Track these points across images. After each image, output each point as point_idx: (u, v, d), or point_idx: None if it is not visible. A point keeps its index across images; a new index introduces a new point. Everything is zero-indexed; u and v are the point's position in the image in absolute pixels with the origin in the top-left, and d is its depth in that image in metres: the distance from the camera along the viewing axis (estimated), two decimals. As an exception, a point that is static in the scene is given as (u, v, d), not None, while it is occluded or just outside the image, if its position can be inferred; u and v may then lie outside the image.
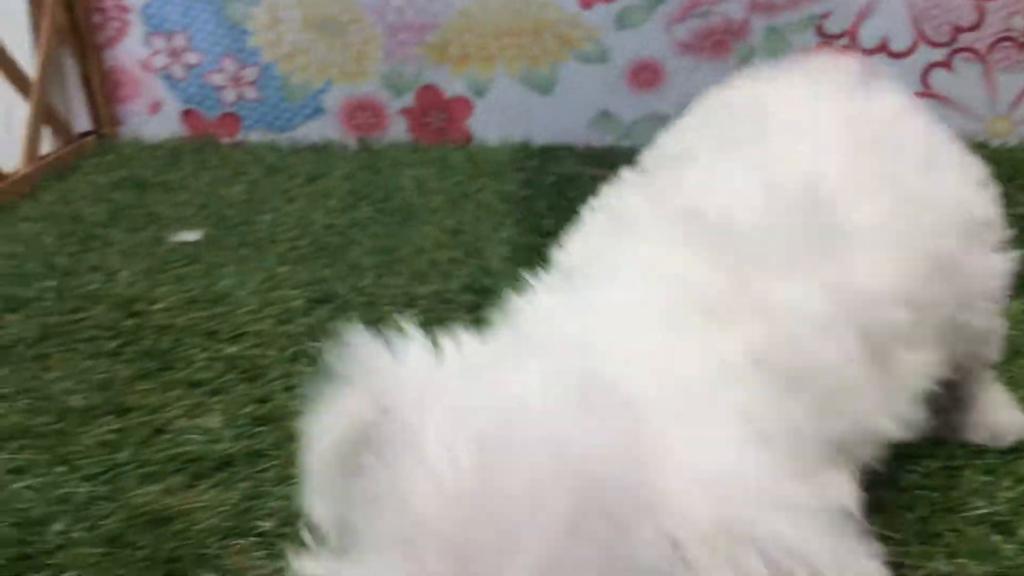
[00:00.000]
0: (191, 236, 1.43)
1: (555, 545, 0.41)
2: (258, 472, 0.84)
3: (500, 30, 1.93)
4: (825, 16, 1.91)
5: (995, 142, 1.94)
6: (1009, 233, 0.78)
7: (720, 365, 0.54)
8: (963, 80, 1.94)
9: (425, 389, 0.48)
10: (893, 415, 0.62)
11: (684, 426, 0.47)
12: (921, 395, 0.65)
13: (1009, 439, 0.87)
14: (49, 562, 0.73)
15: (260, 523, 0.77)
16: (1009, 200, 0.80)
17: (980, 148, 1.74)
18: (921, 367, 0.65)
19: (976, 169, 0.77)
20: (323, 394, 0.52)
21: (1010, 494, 0.80)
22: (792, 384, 0.56)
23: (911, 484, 0.82)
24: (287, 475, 0.83)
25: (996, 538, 0.75)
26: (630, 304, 0.58)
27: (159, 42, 1.98)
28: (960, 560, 0.73)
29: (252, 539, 0.76)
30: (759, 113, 0.74)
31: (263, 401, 0.96)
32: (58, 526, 0.77)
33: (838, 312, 0.60)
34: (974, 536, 0.75)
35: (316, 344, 1.05)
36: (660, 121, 0.85)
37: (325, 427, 0.51)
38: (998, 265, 0.77)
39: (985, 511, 0.78)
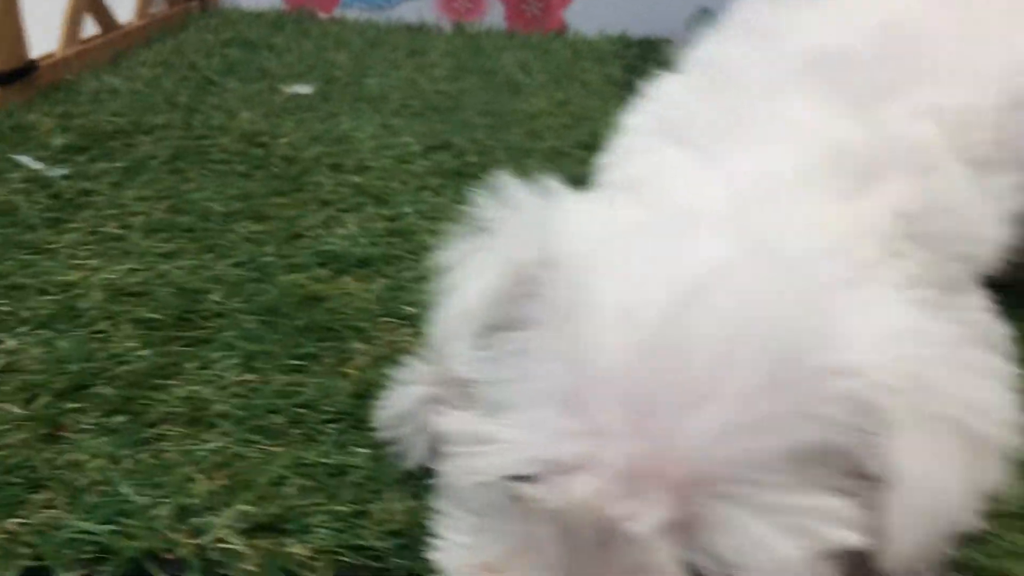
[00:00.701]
0: (304, 89, 1.46)
1: (745, 402, 0.41)
2: (397, 271, 0.87)
3: (607, -81, 1.92)
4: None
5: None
6: None
7: (876, 227, 0.55)
8: None
9: (596, 245, 0.47)
10: (994, 239, 0.64)
11: (856, 292, 0.47)
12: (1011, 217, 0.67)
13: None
14: (208, 325, 0.77)
15: (406, 308, 0.80)
16: None
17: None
18: (1008, 190, 0.66)
19: None
20: (474, 240, 0.51)
21: None
22: (933, 233, 0.58)
23: None
24: (425, 275, 0.86)
25: None
26: (778, 169, 0.57)
27: (266, -88, 1.99)
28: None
29: (400, 320, 0.79)
30: None
31: (393, 219, 0.99)
32: (215, 297, 0.80)
33: (942, 138, 0.62)
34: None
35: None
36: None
37: (479, 275, 0.49)
38: None
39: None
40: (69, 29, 1.48)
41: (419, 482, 0.58)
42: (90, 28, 1.57)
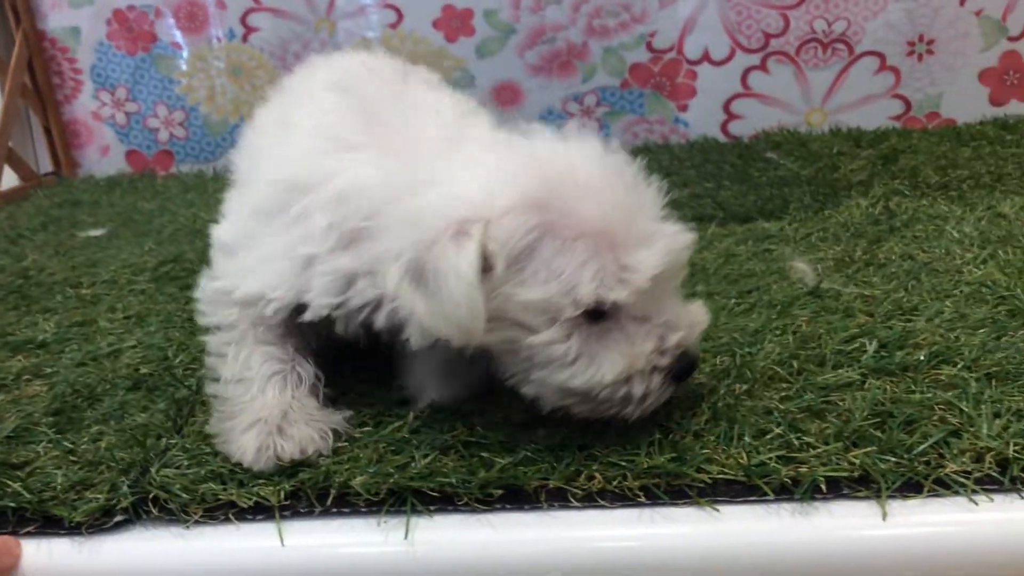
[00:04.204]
0: (97, 232, 1.79)
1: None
2: (60, 348, 1.17)
3: (381, 65, 2.29)
4: (652, 35, 2.23)
5: (814, 131, 2.22)
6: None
7: None
8: (778, 79, 2.24)
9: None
10: None
11: None
12: None
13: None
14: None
15: (47, 369, 1.09)
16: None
17: (794, 135, 2.05)
18: None
19: None
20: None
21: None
22: None
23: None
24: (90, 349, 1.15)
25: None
26: None
27: (105, 96, 2.38)
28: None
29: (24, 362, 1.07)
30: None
31: (86, 315, 1.29)
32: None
33: None
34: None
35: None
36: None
37: (467, 264, 0.75)
38: None
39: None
40: (-90, 209, 1.83)
41: None
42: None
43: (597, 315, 0.79)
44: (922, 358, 0.93)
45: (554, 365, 0.80)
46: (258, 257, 0.93)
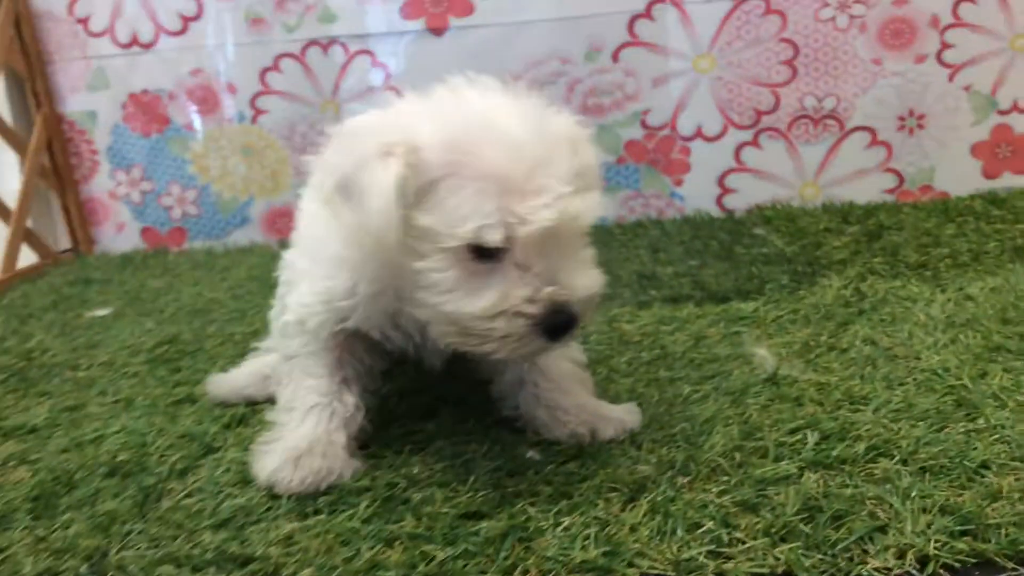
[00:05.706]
0: (103, 312, 1.86)
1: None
2: (51, 433, 1.22)
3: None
4: (647, 112, 2.29)
5: (807, 205, 2.26)
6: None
7: None
8: (770, 155, 2.28)
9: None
10: None
11: None
12: None
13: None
14: None
15: (31, 452, 1.14)
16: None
17: (785, 210, 2.08)
18: None
19: None
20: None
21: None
22: None
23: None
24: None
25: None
26: None
27: (121, 175, 2.47)
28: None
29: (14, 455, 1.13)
30: None
31: (80, 398, 1.34)
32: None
33: None
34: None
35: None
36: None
37: (388, 180, 0.86)
38: None
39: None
40: (-73, 289, 1.91)
41: None
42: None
43: (484, 255, 0.88)
44: (861, 450, 0.95)
45: (435, 290, 0.90)
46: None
